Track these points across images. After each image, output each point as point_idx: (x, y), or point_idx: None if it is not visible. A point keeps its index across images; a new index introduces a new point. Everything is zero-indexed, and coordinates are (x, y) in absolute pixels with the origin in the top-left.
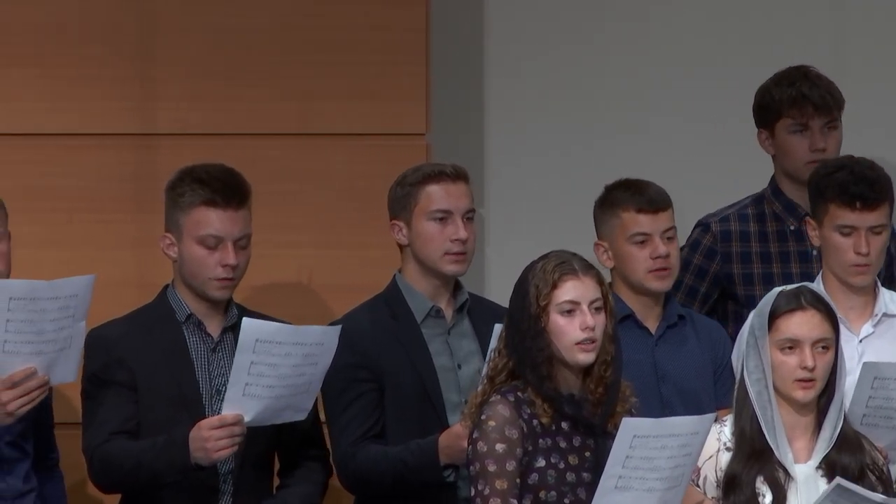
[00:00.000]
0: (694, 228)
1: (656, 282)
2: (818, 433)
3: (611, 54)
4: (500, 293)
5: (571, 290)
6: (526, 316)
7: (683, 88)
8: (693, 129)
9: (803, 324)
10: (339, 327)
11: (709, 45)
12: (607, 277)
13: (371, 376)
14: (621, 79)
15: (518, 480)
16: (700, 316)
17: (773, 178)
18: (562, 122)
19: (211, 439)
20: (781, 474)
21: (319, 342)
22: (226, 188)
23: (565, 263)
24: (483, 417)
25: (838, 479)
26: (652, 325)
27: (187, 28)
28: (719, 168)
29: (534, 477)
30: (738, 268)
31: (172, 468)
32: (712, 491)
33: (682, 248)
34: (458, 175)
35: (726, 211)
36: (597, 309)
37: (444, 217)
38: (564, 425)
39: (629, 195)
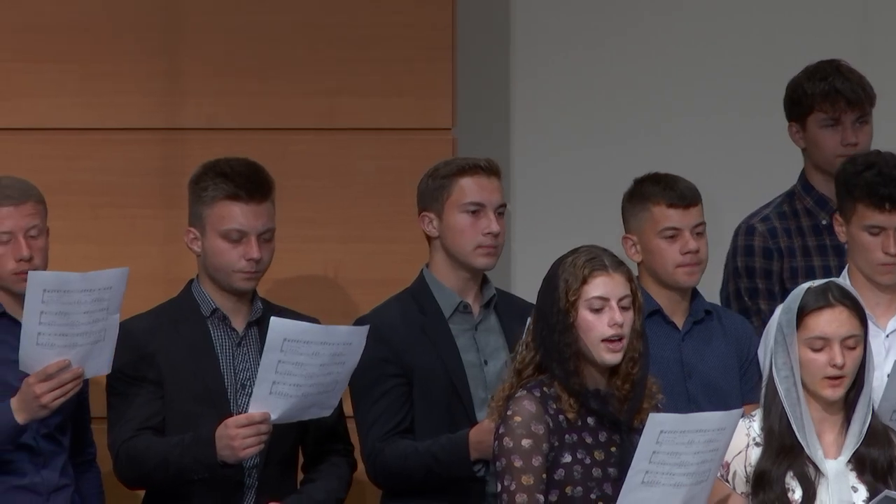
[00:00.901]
0: (736, 235)
1: (685, 277)
2: (847, 428)
3: (637, 51)
4: (526, 288)
5: (601, 286)
6: (555, 310)
7: (709, 85)
8: (718, 126)
9: (832, 321)
10: (366, 327)
11: (733, 42)
12: (634, 272)
13: (400, 371)
14: (647, 75)
15: (544, 476)
16: (727, 311)
17: (802, 174)
18: (587, 118)
19: (238, 437)
20: (811, 470)
21: (347, 342)
22: (249, 182)
23: (595, 259)
24: (509, 413)
25: (887, 492)
26: (679, 320)
27: (215, 24)
28: (744, 165)
29: (560, 472)
30: (786, 262)
31: (198, 465)
32: (742, 486)
33: (733, 259)
34: (492, 169)
35: (763, 211)
36: (625, 306)
37: (476, 210)
38: (590, 420)
39: (660, 189)
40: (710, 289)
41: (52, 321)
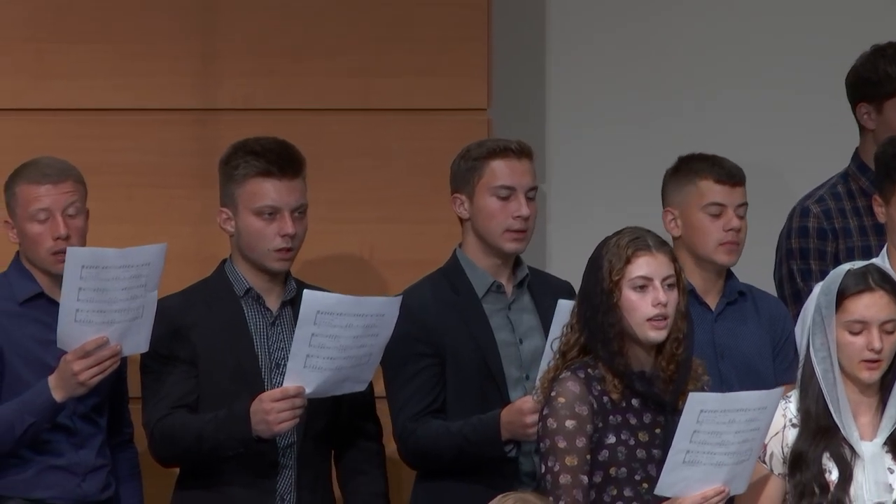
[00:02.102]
0: (791, 217)
1: (725, 256)
2: (882, 411)
3: (673, 29)
4: (561, 268)
5: (644, 265)
6: (598, 291)
7: (747, 63)
8: (757, 105)
9: (871, 305)
10: (399, 298)
11: (773, 19)
12: None
13: (432, 350)
14: (684, 54)
15: (588, 457)
16: (761, 292)
17: (856, 154)
18: (623, 97)
19: (272, 412)
20: (847, 451)
21: (380, 313)
22: (280, 158)
23: (639, 239)
24: (553, 394)
25: None
26: (712, 301)
27: (250, 4)
28: (783, 144)
29: (604, 454)
30: (841, 243)
31: (233, 441)
32: (779, 467)
33: (787, 240)
34: (523, 151)
35: (818, 192)
36: (669, 286)
37: (507, 193)
38: (635, 402)
39: (708, 165)
40: (747, 270)
41: (90, 298)
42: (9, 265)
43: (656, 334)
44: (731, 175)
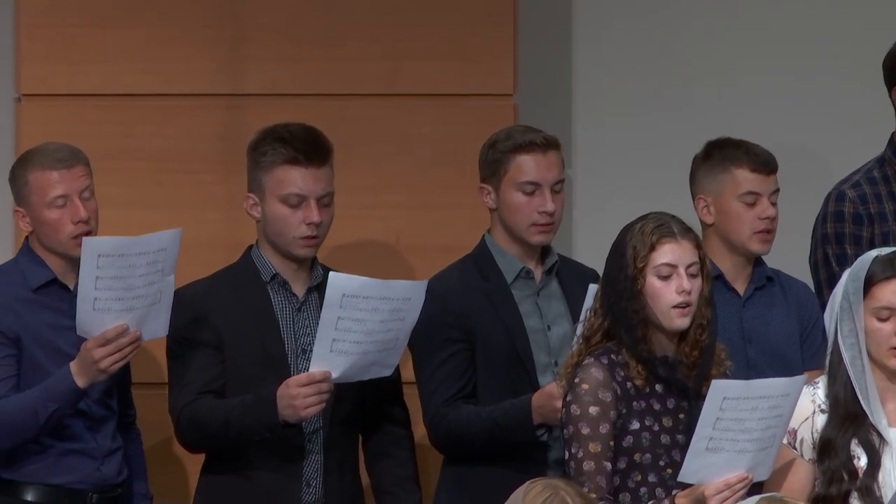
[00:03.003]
0: (826, 201)
1: (759, 244)
2: None
3: (699, 15)
4: (587, 255)
5: (669, 253)
6: (622, 277)
7: (774, 49)
8: (782, 91)
9: None
10: (425, 281)
11: (801, 4)
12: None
13: (463, 336)
14: (710, 40)
15: (612, 443)
16: (788, 277)
17: (892, 138)
18: (650, 83)
19: (299, 397)
20: (875, 438)
21: (407, 297)
22: (307, 146)
23: (664, 226)
24: (576, 381)
25: None
26: (741, 286)
27: None
28: (808, 131)
29: (628, 440)
30: (877, 228)
31: (260, 426)
32: (809, 453)
33: (823, 225)
34: (549, 144)
35: (854, 177)
36: (693, 273)
37: (532, 189)
38: (658, 387)
39: (743, 153)
40: (778, 257)
41: (108, 286)
42: (17, 252)
43: (681, 321)
44: (766, 163)
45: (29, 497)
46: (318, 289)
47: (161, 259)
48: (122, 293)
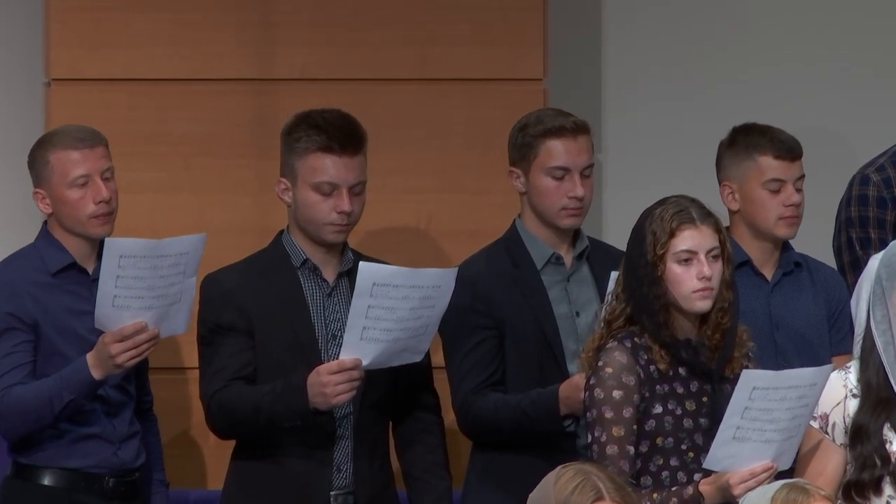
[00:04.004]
0: (851, 185)
1: (785, 229)
2: None
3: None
4: (617, 239)
5: (689, 239)
6: (643, 263)
7: (801, 35)
8: (812, 76)
9: None
10: (455, 269)
11: None
12: (725, 220)
13: (492, 322)
14: (740, 25)
15: (635, 427)
16: (817, 262)
17: None
18: (679, 68)
19: (329, 384)
20: None
21: (436, 284)
22: (342, 134)
23: (683, 212)
24: (600, 364)
25: None
26: (768, 272)
27: None
28: (834, 115)
29: (651, 423)
30: None
31: (290, 412)
32: (841, 437)
33: (847, 208)
34: (579, 129)
35: (878, 160)
36: (714, 257)
37: (561, 174)
38: (681, 371)
39: (766, 140)
40: (804, 241)
41: (128, 285)
42: (36, 237)
43: (702, 304)
44: (790, 150)
45: (45, 481)
46: (349, 274)
47: (183, 262)
48: (143, 292)
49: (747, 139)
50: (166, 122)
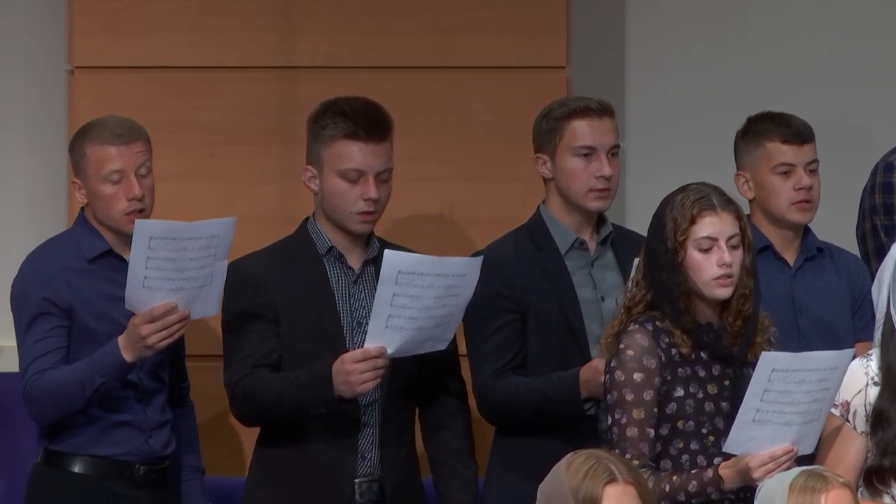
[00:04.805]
0: (875, 172)
1: (798, 214)
2: None
3: None
4: (640, 226)
5: (709, 226)
6: (663, 249)
7: (824, 22)
8: (834, 63)
9: None
10: (480, 258)
11: None
12: (745, 209)
13: (514, 306)
14: (761, 12)
15: (655, 410)
16: (839, 249)
17: None
18: (702, 55)
19: (354, 372)
20: None
21: (462, 273)
22: (368, 122)
23: (704, 199)
24: (621, 346)
25: None
26: (790, 257)
27: None
28: (856, 103)
29: (672, 406)
30: None
31: (316, 400)
32: (862, 425)
33: (871, 195)
34: (604, 110)
35: None
36: (734, 245)
37: (588, 153)
38: (703, 355)
39: (774, 126)
40: (823, 227)
41: (158, 266)
42: (73, 223)
43: (723, 291)
44: (798, 134)
45: (76, 468)
46: (375, 262)
47: (214, 245)
48: (173, 274)
49: (757, 127)
50: (189, 110)
